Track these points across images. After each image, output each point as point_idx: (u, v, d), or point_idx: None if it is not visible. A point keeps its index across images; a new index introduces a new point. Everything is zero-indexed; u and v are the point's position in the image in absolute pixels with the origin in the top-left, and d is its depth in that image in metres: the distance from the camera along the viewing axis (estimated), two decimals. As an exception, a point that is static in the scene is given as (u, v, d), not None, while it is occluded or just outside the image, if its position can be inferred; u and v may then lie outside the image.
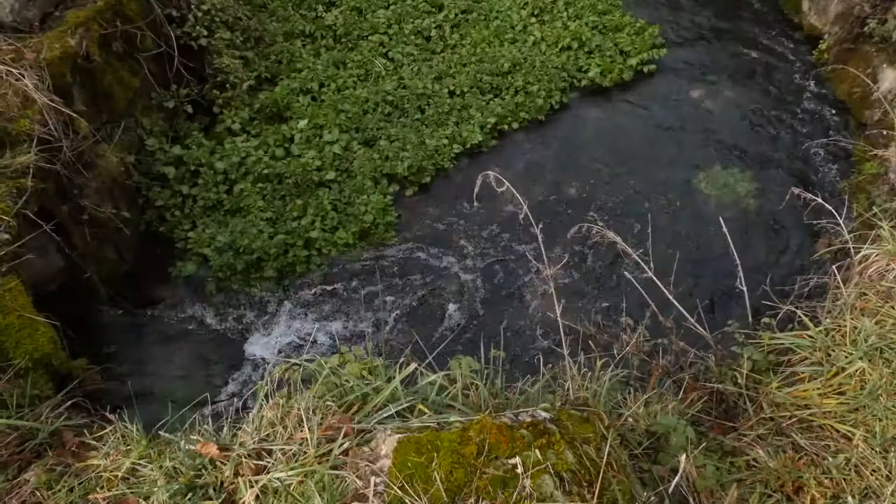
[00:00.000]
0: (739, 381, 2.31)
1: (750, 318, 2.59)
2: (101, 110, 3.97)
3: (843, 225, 2.61)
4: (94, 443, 2.14)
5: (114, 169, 3.91)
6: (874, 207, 3.17)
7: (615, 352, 2.37)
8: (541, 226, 2.13)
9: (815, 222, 2.88)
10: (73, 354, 3.05)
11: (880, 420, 2.12)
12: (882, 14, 5.12)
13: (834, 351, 2.33)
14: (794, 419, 2.21)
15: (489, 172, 2.20)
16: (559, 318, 2.12)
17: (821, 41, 5.86)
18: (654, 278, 2.56)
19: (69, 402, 2.47)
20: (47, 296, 3.24)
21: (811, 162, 4.89)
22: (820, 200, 2.65)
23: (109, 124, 4.07)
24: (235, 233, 4.11)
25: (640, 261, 2.60)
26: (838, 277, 2.58)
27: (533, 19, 6.09)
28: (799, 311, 2.49)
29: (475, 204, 3.71)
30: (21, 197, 3.05)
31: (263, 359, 3.79)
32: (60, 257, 3.48)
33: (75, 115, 3.55)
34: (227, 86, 4.88)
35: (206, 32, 4.72)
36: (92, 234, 3.72)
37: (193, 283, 4.11)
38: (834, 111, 5.35)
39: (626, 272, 2.54)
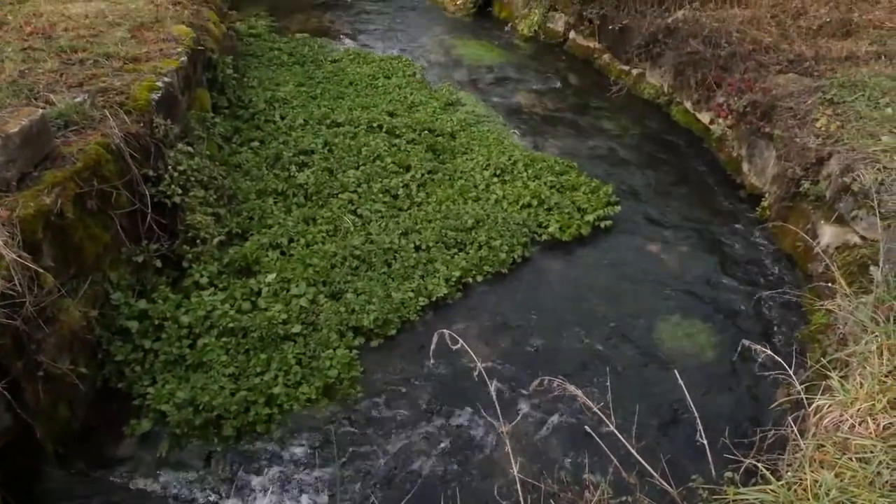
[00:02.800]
0: (707, 540, 2.25)
1: (713, 472, 2.57)
2: (70, 265, 4.00)
3: (794, 377, 2.68)
4: None
5: (75, 323, 3.89)
6: (824, 359, 3.27)
7: (579, 511, 2.32)
8: (495, 383, 2.14)
9: (766, 374, 2.96)
10: (9, 523, 2.86)
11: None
12: (814, 176, 5.56)
13: (798, 506, 2.31)
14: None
15: (444, 331, 2.26)
16: (517, 476, 2.09)
17: (762, 199, 6.30)
18: (616, 432, 2.56)
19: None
20: (-11, 457, 3.09)
21: (764, 313, 5.08)
22: (770, 352, 2.74)
23: (76, 279, 4.08)
24: (196, 388, 4.03)
25: (601, 414, 2.61)
26: (795, 429, 2.61)
27: (495, 179, 6.47)
28: (760, 465, 2.49)
29: (431, 361, 3.73)
30: (-25, 354, 3.00)
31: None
32: (10, 416, 3.35)
33: (42, 271, 3.58)
34: (198, 241, 4.99)
35: (180, 191, 4.90)
36: (45, 390, 3.62)
37: (149, 440, 3.96)
38: (781, 264, 5.64)
39: (587, 427, 2.54)
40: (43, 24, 5.92)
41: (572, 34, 10.24)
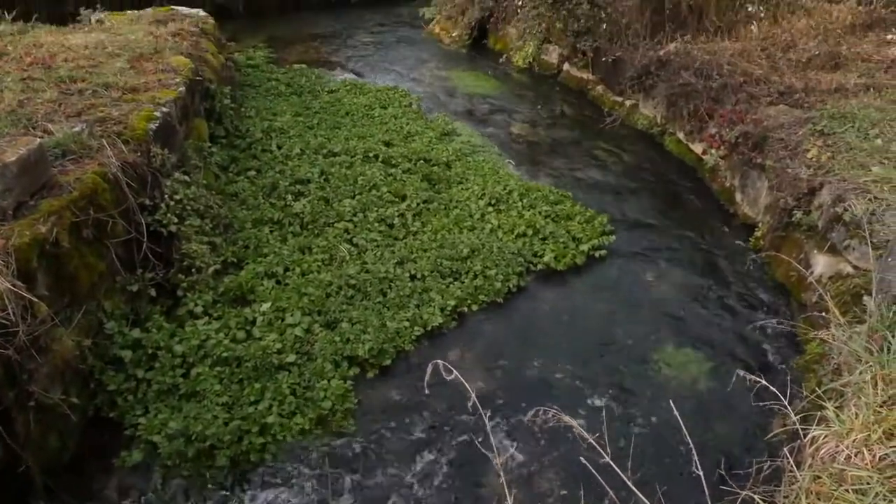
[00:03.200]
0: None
1: (710, 505, 2.54)
2: (64, 294, 3.99)
3: (789, 407, 2.68)
4: None
5: (68, 353, 3.87)
6: (819, 388, 3.26)
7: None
8: (490, 413, 2.13)
9: (761, 404, 2.96)
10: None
11: None
12: (806, 206, 5.62)
13: (795, 539, 2.29)
14: None
15: (439, 361, 2.26)
16: (513, 509, 2.07)
17: (755, 229, 6.35)
18: (612, 463, 2.54)
19: None
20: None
21: (759, 343, 5.08)
22: (764, 382, 2.74)
23: (70, 307, 4.06)
24: (189, 418, 4.00)
25: (596, 445, 2.59)
26: (791, 460, 2.59)
27: (490, 208, 6.51)
28: (757, 497, 2.47)
29: (426, 392, 3.71)
30: (-33, 384, 2.98)
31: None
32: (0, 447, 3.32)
33: (36, 300, 3.57)
34: (194, 270, 4.99)
35: (176, 220, 4.91)
36: (36, 420, 3.58)
37: (140, 472, 3.91)
38: (775, 293, 5.66)
39: (582, 458, 2.52)
40: (43, 54, 5.99)
41: (566, 66, 10.40)
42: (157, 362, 4.36)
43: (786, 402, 2.72)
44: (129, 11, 8.38)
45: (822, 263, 5.28)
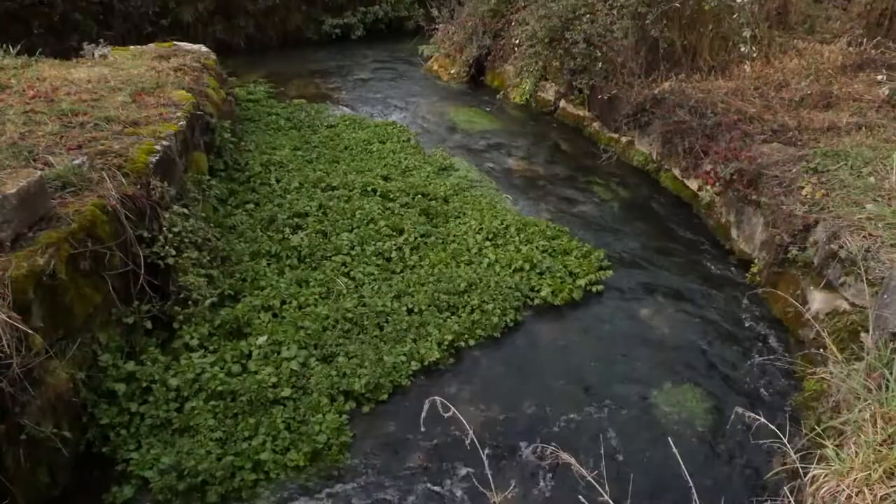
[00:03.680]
0: None
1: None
2: (59, 326, 3.97)
3: (788, 445, 2.66)
4: None
5: (62, 386, 3.83)
6: (818, 426, 3.24)
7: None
8: (487, 450, 2.11)
9: (761, 442, 2.93)
10: None
11: None
12: (802, 242, 5.65)
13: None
14: None
15: (436, 398, 2.24)
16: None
17: (752, 265, 6.37)
18: (611, 502, 2.51)
19: None
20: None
21: (757, 379, 5.06)
22: (763, 420, 2.72)
23: (65, 339, 4.04)
24: (182, 453, 3.95)
25: (595, 483, 2.57)
26: (791, 500, 2.57)
27: (487, 243, 6.53)
28: (758, 537, 2.44)
29: (422, 429, 3.68)
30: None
31: None
32: (-12, 482, 3.27)
33: (31, 332, 3.55)
34: (190, 302, 4.98)
35: (174, 252, 4.91)
36: (27, 454, 3.53)
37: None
38: (772, 329, 5.65)
39: (581, 497, 2.49)
40: (46, 88, 6.06)
41: (563, 103, 10.54)
42: (150, 396, 4.32)
43: (785, 440, 2.70)
44: (132, 47, 8.50)
45: (818, 300, 5.29)
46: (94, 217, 4.27)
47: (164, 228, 4.95)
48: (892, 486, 2.53)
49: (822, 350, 4.43)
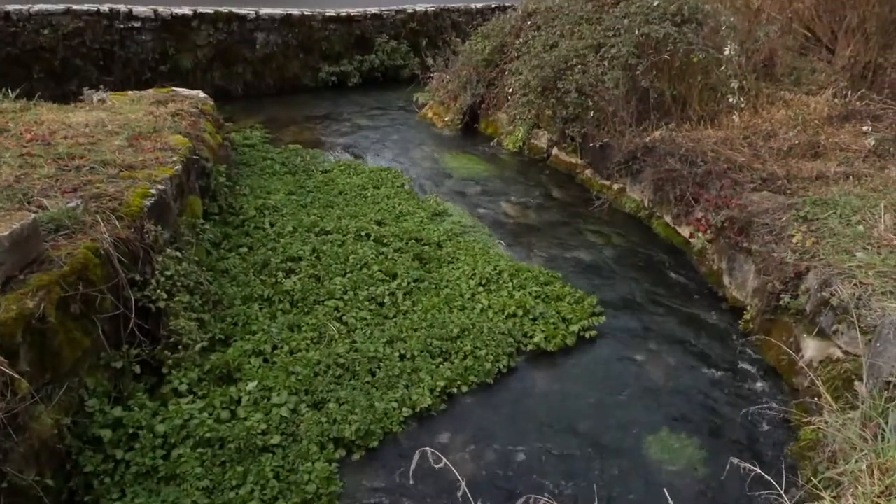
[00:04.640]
0: None
1: None
2: (46, 370, 3.92)
3: (784, 496, 2.62)
4: None
5: (47, 432, 3.76)
6: (815, 477, 3.20)
7: None
8: (480, 502, 2.07)
9: (758, 494, 2.89)
10: None
11: None
12: (793, 290, 5.67)
13: None
14: None
15: (427, 449, 2.21)
16: None
17: (744, 312, 6.38)
18: (606, 555, 2.46)
19: None
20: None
21: (752, 428, 5.01)
22: (758, 471, 2.69)
23: (52, 384, 3.98)
24: (167, 502, 3.85)
25: (589, 535, 2.52)
26: (790, 553, 2.52)
27: (480, 288, 6.53)
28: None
29: (411, 482, 3.60)
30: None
31: None
32: (-35, 532, 3.17)
33: (17, 377, 3.50)
34: (180, 347, 4.93)
35: (165, 296, 4.89)
36: (7, 503, 3.44)
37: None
38: (766, 377, 5.63)
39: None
40: (43, 131, 6.11)
41: (555, 150, 10.68)
42: (137, 442, 4.23)
43: (782, 492, 2.66)
44: (130, 92, 8.62)
45: (811, 347, 5.29)
46: (86, 260, 4.26)
47: (157, 272, 4.93)
48: (891, 540, 2.49)
49: (816, 398, 4.41)
